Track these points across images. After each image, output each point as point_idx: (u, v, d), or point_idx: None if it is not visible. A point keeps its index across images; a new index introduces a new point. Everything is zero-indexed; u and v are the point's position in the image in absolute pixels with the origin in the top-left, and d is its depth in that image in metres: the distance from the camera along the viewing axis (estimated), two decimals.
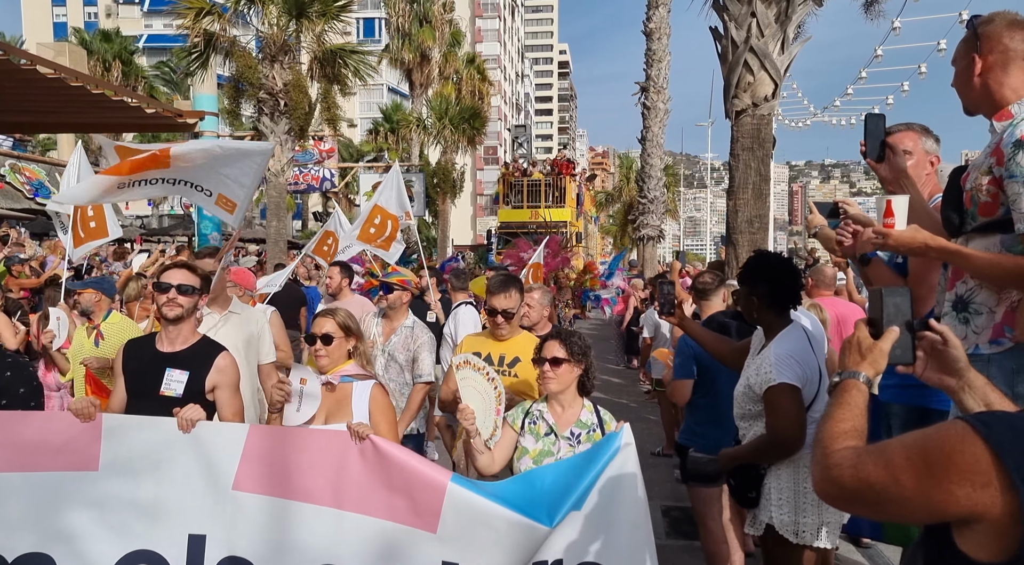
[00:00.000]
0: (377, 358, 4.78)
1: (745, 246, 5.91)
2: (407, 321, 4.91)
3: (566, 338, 3.27)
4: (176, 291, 3.39)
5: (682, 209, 76.34)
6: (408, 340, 4.82)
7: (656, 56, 21.00)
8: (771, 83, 6.18)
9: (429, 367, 4.78)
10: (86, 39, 31.83)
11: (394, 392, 4.67)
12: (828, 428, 1.52)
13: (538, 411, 3.34)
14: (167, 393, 3.27)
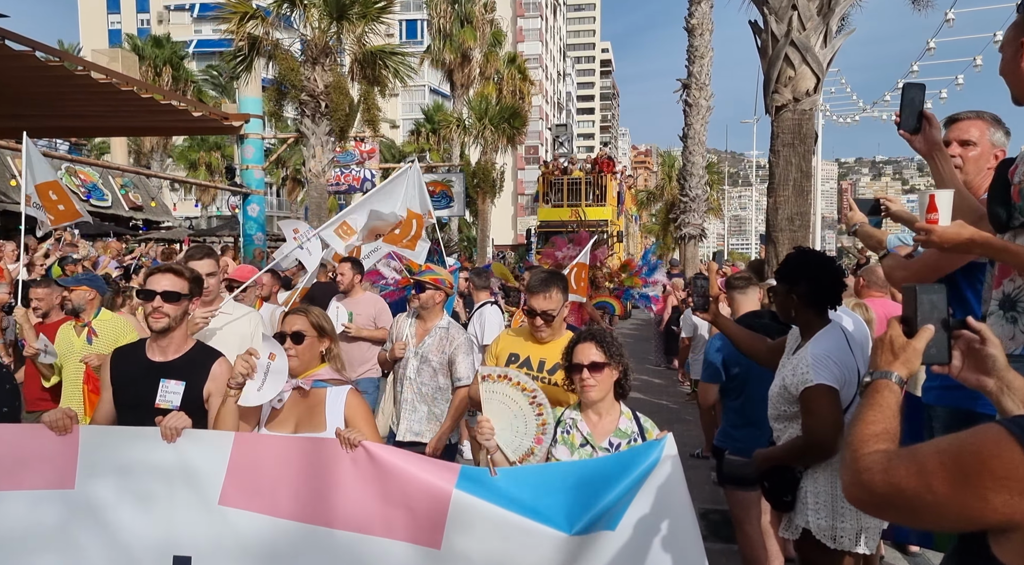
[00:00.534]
0: (409, 361, 4.58)
1: (786, 244, 5.78)
2: (442, 322, 4.64)
3: (602, 339, 3.01)
4: (161, 299, 3.12)
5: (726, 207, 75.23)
6: (443, 342, 4.57)
7: (698, 52, 20.75)
8: (813, 77, 6.03)
9: (468, 369, 4.52)
10: (138, 45, 32.78)
11: (426, 396, 4.54)
12: (858, 430, 1.47)
13: (571, 419, 3.05)
14: (163, 405, 3.05)
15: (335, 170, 22.24)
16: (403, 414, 4.55)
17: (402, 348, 4.58)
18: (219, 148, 35.30)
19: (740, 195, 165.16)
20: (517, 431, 2.90)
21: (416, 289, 4.62)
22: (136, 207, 22.09)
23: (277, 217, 32.75)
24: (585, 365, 2.94)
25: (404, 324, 4.76)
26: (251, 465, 2.77)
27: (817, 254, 3.31)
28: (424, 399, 4.53)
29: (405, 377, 4.56)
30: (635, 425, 3.04)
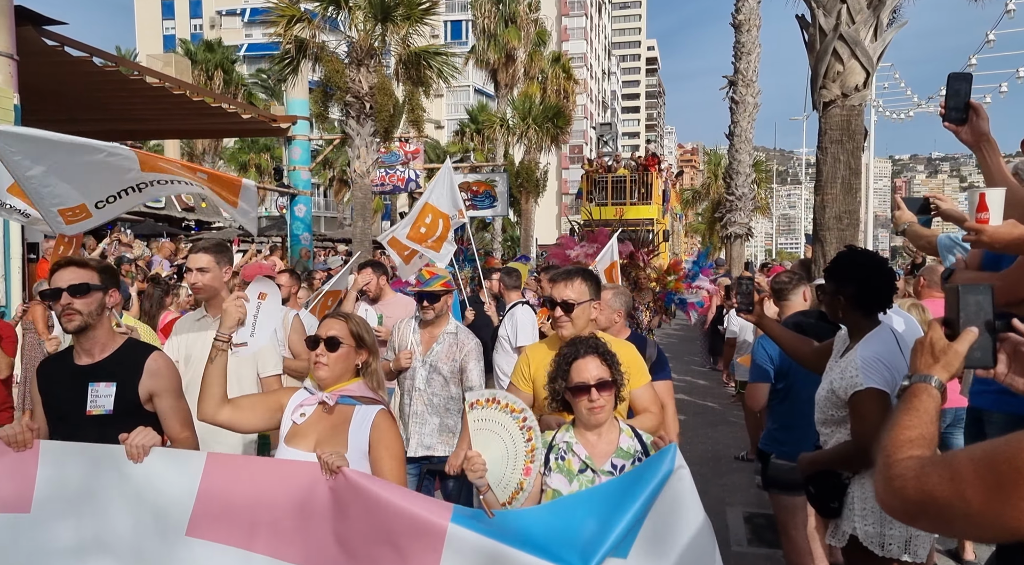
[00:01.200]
0: (416, 371, 4.28)
1: (833, 244, 5.63)
2: (449, 327, 4.35)
3: (603, 351, 2.69)
4: (68, 294, 2.76)
5: (775, 206, 73.84)
6: (452, 348, 4.28)
7: (745, 48, 20.39)
8: (862, 72, 5.87)
9: (480, 376, 4.26)
10: (191, 49, 33.68)
11: (437, 408, 4.28)
12: (893, 435, 1.42)
13: (565, 443, 2.69)
14: (95, 411, 2.76)
15: (380, 171, 22.48)
16: (413, 427, 4.27)
17: (408, 358, 4.28)
18: (268, 150, 36.02)
19: (789, 193, 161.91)
20: (507, 463, 2.55)
21: (428, 300, 4.26)
22: (188, 208, 22.67)
23: (324, 217, 33.28)
24: (592, 384, 2.60)
25: (407, 330, 4.43)
26: (223, 491, 2.43)
27: (868, 254, 3.20)
28: (435, 411, 4.27)
29: (413, 389, 4.28)
30: (637, 442, 2.70)
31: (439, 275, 4.37)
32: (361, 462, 2.57)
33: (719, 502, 6.35)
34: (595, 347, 2.69)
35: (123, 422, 2.59)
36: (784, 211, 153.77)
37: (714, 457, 7.82)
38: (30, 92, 9.60)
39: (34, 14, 9.68)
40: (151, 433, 2.50)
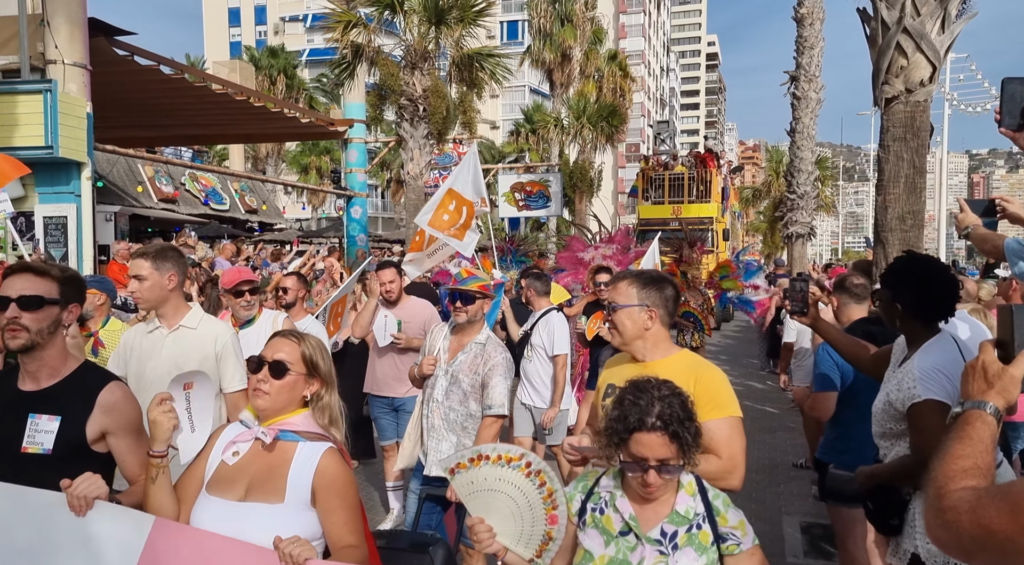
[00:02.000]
0: (437, 380, 3.91)
1: (895, 245, 5.41)
2: (479, 336, 3.93)
3: (676, 422, 2.03)
4: (17, 306, 2.31)
5: (841, 204, 71.75)
6: (477, 360, 3.86)
7: (808, 43, 19.84)
8: (928, 66, 5.62)
9: (502, 396, 3.78)
10: (255, 56, 34.62)
11: (454, 424, 3.86)
12: (944, 465, 1.33)
13: (607, 493, 2.20)
14: (31, 449, 2.30)
15: (433, 172, 22.64)
16: (431, 443, 3.90)
17: (431, 364, 3.95)
18: (328, 152, 36.75)
19: (856, 191, 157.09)
20: (523, 517, 2.17)
21: (461, 300, 3.88)
22: (251, 210, 23.29)
23: (382, 218, 33.78)
24: (651, 465, 2.03)
25: (438, 336, 4.09)
26: (167, 561, 2.06)
27: (927, 260, 3.04)
28: (452, 427, 3.87)
29: (432, 399, 3.91)
30: (700, 501, 2.15)
31: (478, 277, 4.01)
32: (302, 514, 2.09)
33: (775, 511, 6.19)
34: (666, 420, 2.02)
35: (64, 465, 2.19)
36: (851, 209, 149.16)
37: (771, 464, 7.62)
38: (101, 100, 10.01)
39: (106, 25, 10.09)
40: (98, 483, 2.05)
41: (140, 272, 3.35)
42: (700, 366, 2.74)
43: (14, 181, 9.33)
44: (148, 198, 18.31)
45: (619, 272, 3.24)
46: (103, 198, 12.53)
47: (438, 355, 3.99)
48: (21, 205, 9.49)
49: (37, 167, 9.35)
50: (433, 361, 3.96)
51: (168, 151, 21.64)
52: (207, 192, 20.98)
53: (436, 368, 3.94)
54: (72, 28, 9.12)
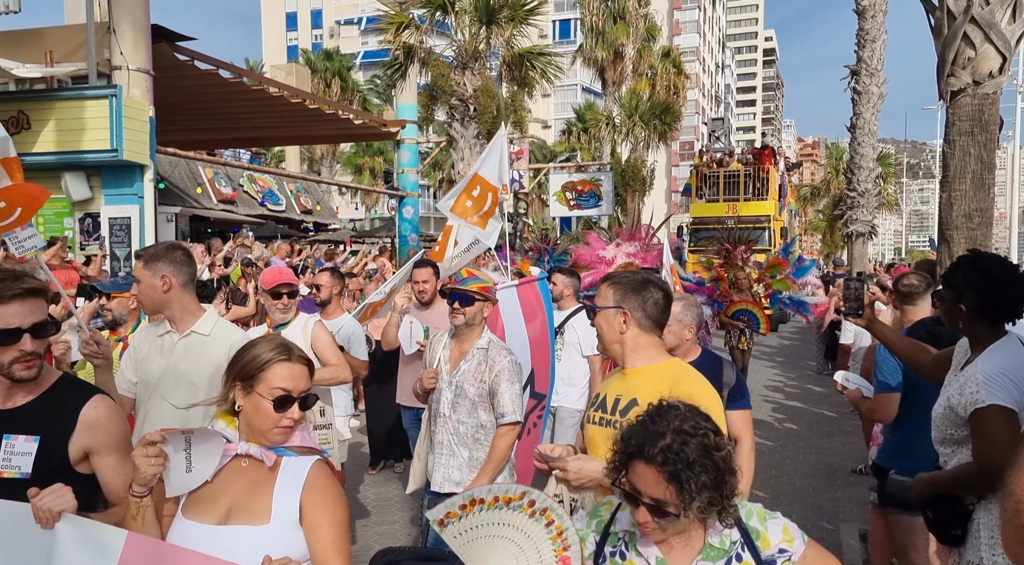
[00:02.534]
0: (442, 393, 3.69)
1: (961, 244, 5.18)
2: (481, 341, 3.69)
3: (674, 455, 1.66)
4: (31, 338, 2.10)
5: (904, 202, 69.50)
6: (481, 367, 3.63)
7: (869, 36, 19.17)
8: (998, 57, 5.36)
9: (514, 402, 3.58)
10: (311, 59, 35.32)
11: (465, 438, 3.64)
12: (1023, 476, 1.25)
13: (626, 533, 1.89)
14: (8, 474, 2.10)
15: None
16: (439, 459, 3.68)
17: (433, 377, 3.71)
18: (382, 153, 37.26)
19: (922, 188, 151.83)
20: (529, 560, 1.92)
21: (460, 301, 3.65)
22: (306, 210, 23.75)
23: (434, 218, 34.07)
24: (643, 501, 1.71)
25: (438, 345, 3.85)
26: None
27: (993, 259, 2.89)
28: (463, 441, 3.64)
29: (439, 414, 3.69)
30: (736, 530, 1.84)
31: (479, 277, 3.79)
32: (290, 534, 1.91)
33: (833, 517, 6.04)
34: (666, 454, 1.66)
35: None
36: (915, 207, 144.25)
37: (828, 469, 7.42)
38: (163, 104, 10.34)
39: (168, 31, 10.42)
40: (66, 495, 1.86)
41: (135, 275, 3.15)
42: (682, 375, 2.47)
43: (82, 182, 9.72)
44: (208, 199, 18.83)
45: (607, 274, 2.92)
46: (164, 199, 12.94)
47: (439, 366, 3.75)
48: (87, 206, 9.87)
49: (103, 169, 9.72)
50: (434, 374, 3.72)
51: (227, 153, 22.24)
52: (264, 193, 21.47)
53: (439, 380, 3.71)
54: (136, 35, 9.43)
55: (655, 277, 2.69)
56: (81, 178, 9.69)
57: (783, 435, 8.85)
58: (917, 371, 3.36)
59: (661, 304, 2.53)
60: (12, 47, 9.71)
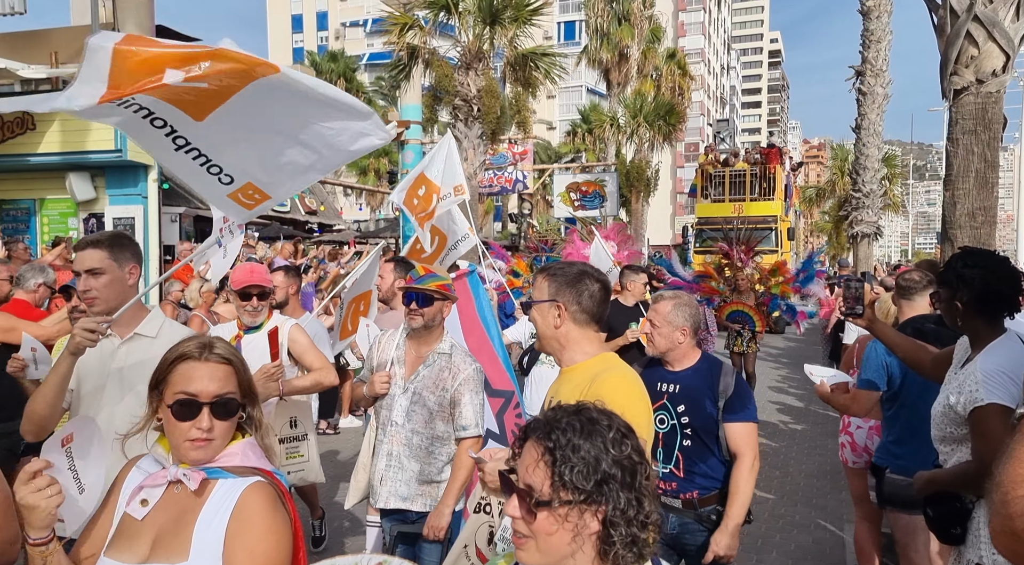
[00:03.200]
0: (395, 400, 3.33)
1: (965, 242, 5.17)
2: (442, 345, 3.37)
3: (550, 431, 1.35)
4: None
5: (911, 203, 69.22)
6: (444, 374, 3.30)
7: (874, 36, 19.17)
8: (1001, 55, 5.34)
9: (477, 414, 3.29)
10: (316, 60, 35.40)
11: (418, 450, 3.29)
12: (1011, 470, 1.26)
13: None
14: None
15: (488, 172, 22.67)
16: (386, 472, 3.32)
17: (385, 381, 3.35)
18: (387, 154, 37.32)
19: (928, 190, 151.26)
20: None
21: (418, 301, 3.31)
22: (311, 211, 23.79)
23: None
24: (516, 487, 1.38)
25: (388, 345, 3.49)
26: None
27: (987, 255, 2.90)
28: (415, 454, 3.29)
29: (390, 422, 3.33)
30: None
31: (437, 274, 3.42)
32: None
33: (837, 518, 6.01)
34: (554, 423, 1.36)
35: None
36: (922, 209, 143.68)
37: (833, 470, 7.39)
38: None
39: (172, 32, 10.46)
40: None
41: (95, 265, 2.67)
42: (606, 369, 2.25)
43: (86, 182, 9.76)
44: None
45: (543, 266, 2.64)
46: (169, 200, 12.97)
47: (392, 370, 3.38)
48: (92, 207, 9.90)
49: (107, 170, 9.75)
50: (387, 378, 3.35)
51: None
52: None
53: (392, 385, 3.35)
54: (141, 35, 9.47)
55: (592, 269, 2.48)
56: (85, 178, 9.72)
57: (788, 436, 8.82)
58: (918, 370, 3.35)
59: (598, 296, 2.38)
60: (18, 48, 9.75)
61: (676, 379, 3.26)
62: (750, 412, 3.22)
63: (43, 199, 10.21)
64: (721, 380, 3.20)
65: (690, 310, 3.27)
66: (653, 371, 3.31)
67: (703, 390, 3.19)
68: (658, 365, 3.34)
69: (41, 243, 9.92)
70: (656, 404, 3.14)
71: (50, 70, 9.50)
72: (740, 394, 3.21)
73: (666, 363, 3.30)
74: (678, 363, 3.27)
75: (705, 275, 9.26)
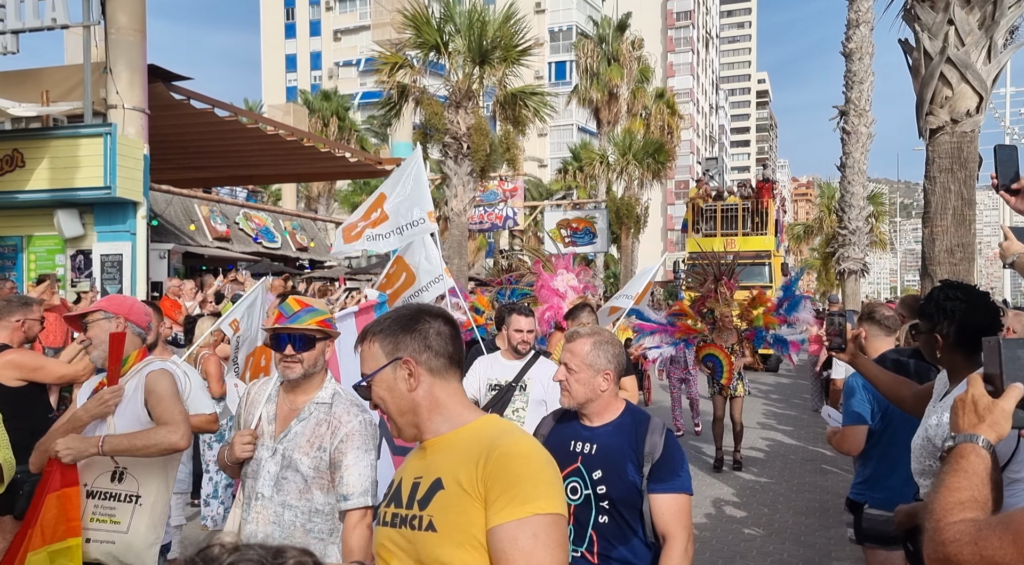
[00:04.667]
0: (262, 464, 2.65)
1: (945, 278, 5.24)
2: (322, 394, 2.71)
3: None
4: None
5: (898, 241, 69.89)
6: (321, 428, 2.63)
7: (857, 77, 19.59)
8: (974, 96, 5.48)
9: (365, 478, 2.58)
10: (309, 99, 35.76)
11: (291, 528, 2.61)
12: (942, 498, 1.33)
13: None
14: None
15: (478, 209, 22.78)
16: None
17: (248, 442, 2.68)
18: None
19: (915, 228, 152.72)
20: None
21: (293, 344, 2.68)
22: (302, 247, 23.84)
23: None
24: None
25: (259, 398, 2.80)
26: None
27: (965, 288, 2.94)
28: (289, 534, 2.61)
29: (256, 494, 2.64)
30: None
31: (315, 309, 2.77)
32: None
33: (825, 556, 5.95)
34: None
35: None
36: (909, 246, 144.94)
37: (821, 507, 7.33)
38: (159, 142, 10.45)
39: (165, 71, 10.57)
40: None
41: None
42: (505, 433, 1.69)
43: (74, 219, 9.76)
44: (203, 236, 18.90)
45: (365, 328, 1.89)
46: (158, 236, 13.00)
47: (260, 427, 2.72)
48: (80, 243, 9.90)
49: (96, 207, 9.78)
50: (249, 438, 2.68)
51: (223, 191, 22.38)
52: (259, 230, 21.56)
53: (258, 447, 2.69)
54: (132, 75, 9.58)
55: (425, 305, 1.94)
56: (74, 215, 9.73)
57: (776, 472, 8.76)
58: (899, 405, 3.36)
59: (446, 332, 1.77)
60: (10, 87, 9.84)
61: (593, 437, 2.62)
62: (681, 481, 2.57)
63: (31, 236, 10.20)
64: (647, 439, 2.58)
65: (613, 349, 2.67)
66: (566, 427, 2.70)
67: (624, 451, 2.56)
68: (573, 419, 2.70)
69: (27, 281, 9.89)
70: (567, 469, 2.55)
71: (40, 108, 9.58)
72: (670, 458, 2.57)
73: (582, 416, 2.66)
74: (597, 417, 2.64)
75: (680, 314, 8.68)
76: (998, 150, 2.60)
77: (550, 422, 2.82)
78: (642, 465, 2.55)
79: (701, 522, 6.83)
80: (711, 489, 7.91)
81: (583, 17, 63.37)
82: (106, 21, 9.53)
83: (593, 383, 2.60)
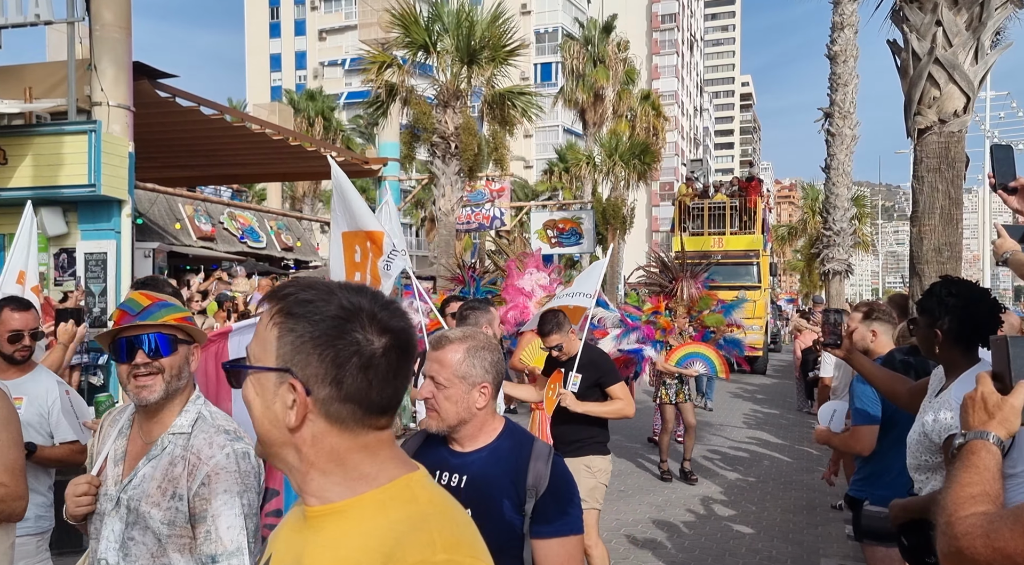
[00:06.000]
0: (104, 520, 2.00)
1: (932, 277, 5.26)
2: (181, 420, 2.04)
3: None
4: None
5: (880, 243, 70.56)
6: (175, 469, 1.97)
7: (841, 80, 19.71)
8: (962, 97, 5.53)
9: (233, 532, 1.90)
10: (294, 99, 35.58)
11: None
12: (953, 493, 1.36)
13: None
14: None
15: (466, 209, 22.74)
16: None
17: (84, 492, 2.03)
18: (364, 191, 37.36)
19: (896, 230, 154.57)
20: None
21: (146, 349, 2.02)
22: (287, 247, 23.67)
23: (416, 256, 34.09)
24: None
25: (111, 430, 2.14)
26: None
27: (966, 284, 2.96)
28: None
29: (98, 557, 2.00)
30: None
31: (170, 304, 2.08)
32: None
33: (813, 553, 5.99)
34: None
35: None
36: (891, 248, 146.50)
37: (808, 505, 7.39)
38: (144, 141, 10.33)
39: (150, 69, 10.46)
40: None
41: None
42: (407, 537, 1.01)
43: (58, 217, 9.65)
44: (187, 235, 18.72)
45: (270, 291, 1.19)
46: (143, 235, 12.86)
47: (104, 472, 2.06)
48: (63, 242, 9.77)
49: (80, 205, 9.66)
50: (85, 487, 2.03)
51: (208, 190, 22.20)
52: (244, 230, 21.37)
53: (100, 500, 2.04)
54: (118, 72, 9.46)
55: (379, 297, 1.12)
56: (57, 213, 9.60)
57: (764, 471, 8.82)
58: (895, 402, 3.39)
59: (381, 367, 1.07)
60: None
61: (463, 466, 2.09)
62: (571, 520, 2.05)
63: (12, 234, 10.04)
64: (531, 467, 2.06)
65: (492, 357, 2.14)
66: (431, 453, 2.15)
67: (502, 485, 2.04)
68: (440, 444, 2.17)
69: None
70: None
71: (23, 105, 9.44)
72: (557, 491, 2.05)
73: (452, 441, 2.14)
74: (470, 441, 2.12)
75: (656, 312, 8.22)
76: (995, 149, 2.63)
77: (413, 446, 2.21)
78: (523, 502, 2.02)
79: (690, 520, 6.86)
80: (699, 487, 7.94)
81: (569, 19, 63.54)
82: (91, 18, 9.41)
83: (467, 400, 2.07)
